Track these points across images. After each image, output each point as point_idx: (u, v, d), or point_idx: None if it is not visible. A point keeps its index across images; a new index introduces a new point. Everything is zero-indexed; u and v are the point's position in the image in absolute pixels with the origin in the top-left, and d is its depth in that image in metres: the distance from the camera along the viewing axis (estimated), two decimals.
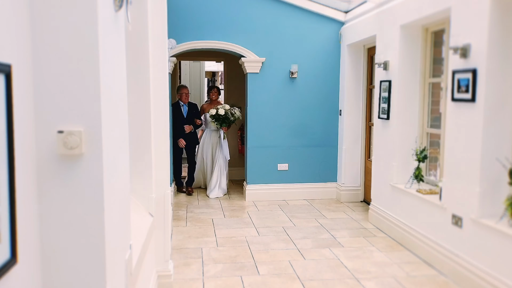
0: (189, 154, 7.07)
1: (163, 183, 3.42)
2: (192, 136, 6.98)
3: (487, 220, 3.30)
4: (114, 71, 1.80)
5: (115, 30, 1.83)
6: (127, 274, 2.05)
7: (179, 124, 6.76)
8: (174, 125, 6.62)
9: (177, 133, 6.74)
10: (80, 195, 1.59)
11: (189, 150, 7.03)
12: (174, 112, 6.66)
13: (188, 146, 6.96)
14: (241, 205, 6.25)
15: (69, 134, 1.54)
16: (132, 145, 2.98)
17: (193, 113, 6.93)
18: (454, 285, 3.60)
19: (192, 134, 6.94)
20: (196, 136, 7.10)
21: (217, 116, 6.59)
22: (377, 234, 4.90)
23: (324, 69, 6.45)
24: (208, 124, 6.95)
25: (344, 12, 6.32)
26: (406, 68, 4.67)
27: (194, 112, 6.95)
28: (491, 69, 3.27)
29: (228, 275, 3.79)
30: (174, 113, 6.66)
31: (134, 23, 2.88)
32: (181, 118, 6.78)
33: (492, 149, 3.32)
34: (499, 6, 3.23)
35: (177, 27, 6.04)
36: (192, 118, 6.90)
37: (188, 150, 7.03)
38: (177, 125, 6.75)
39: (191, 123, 6.87)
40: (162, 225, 3.40)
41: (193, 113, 6.93)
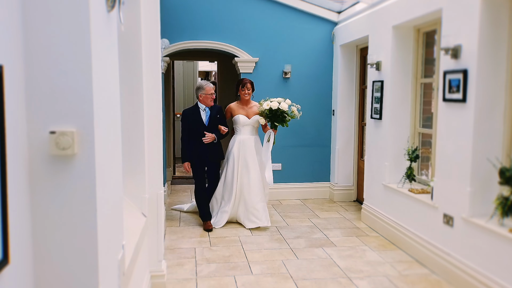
0: (210, 173, 5.29)
1: (156, 183, 3.41)
2: (214, 149, 5.17)
3: (478, 219, 3.34)
4: (106, 72, 1.80)
5: (107, 31, 1.83)
6: (120, 274, 2.06)
7: (196, 134, 5.07)
8: (189, 136, 5.12)
9: (193, 147, 5.09)
10: (72, 195, 1.59)
11: (211, 169, 5.27)
12: (189, 119, 5.10)
13: (209, 163, 5.24)
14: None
15: (61, 134, 1.54)
16: (125, 145, 2.98)
17: (217, 119, 5.17)
18: (445, 283, 3.63)
19: (214, 147, 5.16)
20: (218, 148, 5.23)
21: (269, 112, 5.05)
22: (370, 234, 4.93)
23: (317, 69, 6.47)
24: (239, 130, 5.27)
25: (337, 12, 6.35)
26: (398, 68, 4.70)
27: (219, 117, 5.20)
28: (481, 69, 3.31)
29: (221, 275, 3.79)
30: (189, 120, 5.10)
31: (126, 23, 2.87)
32: (199, 126, 5.08)
33: (482, 149, 3.36)
34: (489, 7, 3.27)
35: (170, 27, 6.03)
36: (215, 125, 5.16)
37: (210, 169, 5.27)
38: (194, 135, 5.08)
39: (214, 131, 5.14)
40: (155, 225, 3.40)
41: (217, 118, 5.17)
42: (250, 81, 5.31)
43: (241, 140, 5.22)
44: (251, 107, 5.31)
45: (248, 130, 5.26)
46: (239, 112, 5.27)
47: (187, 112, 5.19)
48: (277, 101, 5.05)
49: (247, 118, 5.24)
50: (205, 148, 5.11)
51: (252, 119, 5.23)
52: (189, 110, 5.21)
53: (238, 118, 5.24)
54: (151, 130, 3.36)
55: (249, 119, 5.24)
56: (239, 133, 5.27)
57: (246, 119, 5.23)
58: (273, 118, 5.09)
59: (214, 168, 5.31)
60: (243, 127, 5.25)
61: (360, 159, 6.29)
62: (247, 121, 5.23)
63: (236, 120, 5.27)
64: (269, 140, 5.19)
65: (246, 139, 5.23)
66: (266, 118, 5.12)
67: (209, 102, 5.10)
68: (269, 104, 5.04)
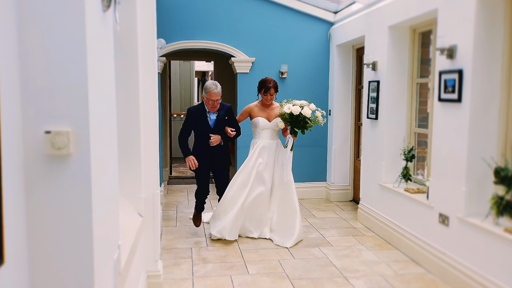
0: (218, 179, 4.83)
1: (152, 183, 3.41)
2: (220, 153, 4.70)
3: (473, 219, 3.35)
4: (102, 71, 1.80)
5: (103, 30, 1.83)
6: (116, 274, 2.05)
7: (201, 135, 4.66)
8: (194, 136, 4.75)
9: (197, 148, 4.69)
10: (68, 195, 1.59)
11: (217, 174, 4.81)
12: (194, 119, 4.65)
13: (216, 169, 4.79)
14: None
15: (57, 134, 1.54)
16: (121, 145, 2.97)
17: (225, 121, 4.68)
18: (441, 283, 3.65)
19: (220, 150, 4.69)
20: (225, 152, 4.77)
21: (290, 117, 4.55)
22: (366, 233, 4.94)
23: (313, 69, 6.48)
24: (258, 134, 4.80)
25: (334, 12, 6.36)
26: (394, 68, 4.72)
27: (227, 119, 4.69)
28: (476, 70, 3.33)
29: (217, 275, 3.79)
30: (194, 119, 4.65)
31: (122, 23, 2.87)
32: (205, 128, 4.62)
33: (478, 149, 3.37)
34: (484, 7, 3.28)
35: (167, 27, 6.03)
36: (222, 127, 4.67)
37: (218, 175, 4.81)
38: (198, 137, 4.70)
39: (220, 133, 4.66)
40: (152, 225, 3.39)
41: (225, 120, 4.67)
42: (275, 84, 4.74)
43: (261, 145, 4.76)
44: (272, 108, 4.82)
45: (268, 134, 4.79)
46: (259, 114, 4.79)
47: (193, 110, 4.73)
48: (299, 105, 4.52)
49: (268, 121, 4.76)
50: (211, 152, 4.66)
51: (273, 122, 4.76)
52: (195, 108, 4.76)
53: (258, 121, 4.76)
54: (147, 130, 3.36)
55: (270, 122, 4.76)
56: (258, 137, 4.80)
57: (266, 122, 4.75)
58: (293, 123, 4.57)
59: (222, 172, 4.82)
60: (262, 131, 4.77)
61: (356, 159, 6.31)
62: (267, 124, 4.76)
63: (256, 123, 4.78)
64: (286, 146, 4.72)
65: (267, 144, 4.76)
66: (286, 122, 4.63)
67: (209, 107, 4.55)
68: (290, 108, 4.51)
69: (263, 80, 4.79)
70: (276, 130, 4.82)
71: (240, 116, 4.97)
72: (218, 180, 4.85)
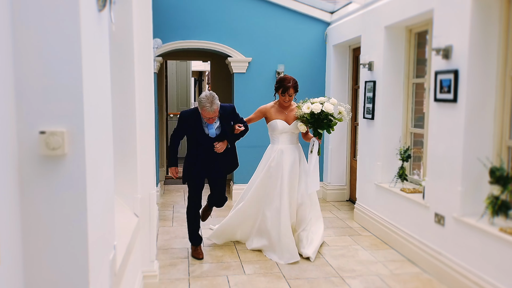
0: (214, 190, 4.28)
1: (148, 183, 3.41)
2: (224, 158, 4.12)
3: (469, 219, 3.36)
4: (97, 71, 1.80)
5: (98, 30, 1.82)
6: (111, 275, 2.05)
7: (196, 143, 4.03)
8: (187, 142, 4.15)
9: (193, 154, 4.06)
10: (62, 195, 1.58)
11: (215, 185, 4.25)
12: (187, 126, 3.99)
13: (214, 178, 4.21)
14: (227, 204, 6.23)
15: (51, 134, 1.53)
16: (116, 145, 2.96)
17: (230, 127, 4.06)
18: (437, 282, 3.66)
19: (224, 155, 4.11)
20: (231, 153, 4.19)
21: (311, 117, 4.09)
22: (362, 233, 4.95)
23: (310, 69, 6.48)
24: (276, 139, 4.32)
25: (330, 12, 6.37)
26: (390, 68, 4.73)
27: (230, 121, 4.08)
28: (472, 70, 3.34)
29: (214, 275, 3.79)
30: (187, 126, 3.99)
31: (118, 23, 2.87)
32: (202, 138, 3.99)
33: (473, 149, 3.38)
34: (480, 8, 3.29)
35: (163, 27, 6.02)
36: (225, 134, 4.05)
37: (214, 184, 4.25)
38: (193, 144, 4.06)
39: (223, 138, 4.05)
40: (148, 225, 3.39)
41: (229, 127, 4.06)
42: (294, 84, 4.23)
43: (280, 150, 4.25)
44: (292, 110, 4.34)
45: (287, 138, 4.30)
46: (277, 116, 4.29)
47: (186, 116, 3.99)
48: (319, 102, 4.07)
49: (287, 124, 4.28)
50: (212, 157, 4.03)
51: (293, 125, 4.29)
52: (189, 114, 4.00)
53: (276, 124, 4.26)
54: (143, 130, 3.35)
55: (289, 125, 4.28)
56: (277, 141, 4.30)
57: (285, 125, 4.27)
58: (316, 123, 4.11)
59: (220, 184, 4.21)
60: (281, 135, 4.26)
61: (352, 159, 6.32)
62: (286, 127, 4.27)
63: (273, 127, 4.28)
64: (312, 151, 4.23)
65: (286, 149, 4.25)
66: (307, 124, 4.15)
67: (205, 119, 3.89)
68: (310, 107, 4.05)
69: (281, 78, 4.27)
70: (296, 133, 4.38)
71: (253, 116, 4.45)
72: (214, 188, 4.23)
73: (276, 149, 4.29)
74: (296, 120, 4.27)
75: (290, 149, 4.29)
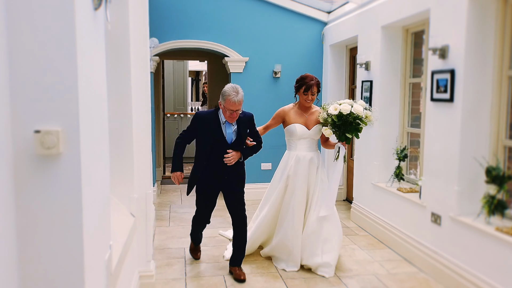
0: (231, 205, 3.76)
1: (145, 183, 3.40)
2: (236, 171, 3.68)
3: (465, 218, 3.37)
4: (93, 70, 1.79)
5: (94, 29, 1.81)
6: (107, 275, 2.04)
7: (211, 149, 3.57)
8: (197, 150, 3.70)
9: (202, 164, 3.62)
10: (58, 195, 1.57)
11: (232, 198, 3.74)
12: (203, 128, 3.59)
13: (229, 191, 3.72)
14: (224, 204, 6.24)
15: (46, 133, 1.52)
16: (113, 145, 2.95)
17: (246, 135, 3.69)
18: (433, 282, 3.66)
19: (236, 168, 3.67)
20: (240, 169, 3.72)
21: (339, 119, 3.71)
22: (359, 233, 4.96)
23: (307, 69, 6.46)
24: (294, 144, 3.97)
25: (327, 12, 6.37)
26: (387, 68, 4.73)
27: (249, 132, 3.71)
28: (468, 69, 3.34)
29: (210, 275, 3.78)
30: (203, 128, 3.59)
31: (114, 22, 2.86)
32: (219, 143, 3.56)
33: (469, 148, 3.39)
34: (476, 8, 3.30)
35: (160, 26, 6.01)
36: (242, 142, 3.65)
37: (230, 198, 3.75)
38: (206, 151, 3.59)
39: (238, 147, 3.64)
40: (144, 225, 3.38)
41: (246, 134, 3.69)
42: (317, 82, 3.93)
43: (297, 158, 3.91)
44: (312, 113, 3.99)
45: (307, 145, 3.95)
46: (296, 120, 3.94)
47: (203, 116, 3.61)
48: (347, 103, 3.75)
49: (307, 128, 3.93)
50: (223, 169, 3.60)
51: (313, 130, 3.93)
52: (206, 115, 3.62)
53: (295, 129, 3.91)
54: (139, 129, 3.34)
55: (309, 130, 3.93)
56: (294, 148, 3.95)
57: (305, 130, 3.92)
58: (343, 126, 3.73)
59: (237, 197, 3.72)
60: (299, 141, 3.92)
61: (349, 159, 6.32)
62: (305, 132, 3.92)
63: (292, 132, 3.93)
64: (337, 158, 3.86)
65: (305, 157, 3.91)
66: (333, 127, 3.79)
67: (227, 118, 3.51)
68: (337, 108, 3.70)
69: (303, 76, 3.96)
70: (316, 139, 4.01)
71: (272, 121, 4.09)
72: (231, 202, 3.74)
73: (294, 156, 3.93)
74: (317, 125, 3.93)
75: (309, 157, 3.92)
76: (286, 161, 3.99)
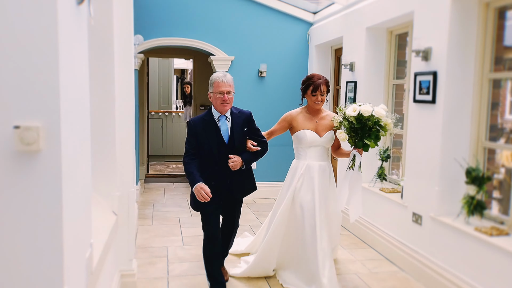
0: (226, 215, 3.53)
1: (127, 181, 3.36)
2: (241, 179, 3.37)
3: (445, 218, 3.42)
4: (74, 65, 1.76)
5: (76, 24, 1.79)
6: (88, 273, 2.02)
7: (210, 156, 3.27)
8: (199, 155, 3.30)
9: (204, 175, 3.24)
10: (37, 192, 1.55)
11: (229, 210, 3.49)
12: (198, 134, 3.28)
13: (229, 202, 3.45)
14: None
15: (26, 129, 1.50)
16: (95, 142, 2.92)
17: (243, 133, 3.34)
18: (413, 280, 3.71)
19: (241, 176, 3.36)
20: (246, 173, 3.40)
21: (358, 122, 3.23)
22: (342, 232, 4.98)
23: (292, 69, 6.51)
24: (303, 153, 3.55)
25: (313, 13, 6.40)
26: (371, 69, 4.77)
27: (246, 130, 3.36)
28: (450, 72, 3.40)
29: (194, 274, 3.77)
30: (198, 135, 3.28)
31: (98, 17, 2.82)
32: (216, 145, 3.26)
33: (450, 150, 3.45)
34: (459, 11, 3.35)
35: (145, 23, 5.96)
36: (239, 142, 3.32)
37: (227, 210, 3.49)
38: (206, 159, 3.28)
39: (239, 151, 3.32)
40: (126, 223, 3.34)
41: (243, 132, 3.34)
42: (326, 80, 3.52)
43: (307, 168, 3.49)
44: (322, 117, 3.56)
45: (317, 153, 3.52)
46: (305, 125, 3.52)
47: (196, 121, 3.30)
48: (368, 105, 3.27)
49: (317, 135, 3.51)
50: (226, 177, 3.28)
51: (325, 137, 3.50)
52: (199, 119, 3.31)
53: (304, 135, 3.48)
54: (123, 127, 3.31)
55: (321, 137, 3.51)
56: (304, 156, 3.53)
57: (315, 136, 3.50)
58: (361, 131, 3.24)
59: (234, 208, 3.49)
60: (309, 149, 3.50)
61: (333, 159, 6.36)
62: (316, 139, 3.49)
63: (300, 138, 3.51)
64: (352, 167, 3.40)
65: (315, 167, 3.48)
66: (350, 132, 3.29)
67: (219, 105, 3.22)
68: (356, 109, 3.21)
69: (309, 76, 3.57)
70: (327, 148, 3.58)
71: (277, 127, 3.69)
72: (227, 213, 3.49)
73: (303, 166, 3.51)
74: (329, 132, 3.50)
75: (319, 167, 3.48)
76: (294, 172, 3.57)
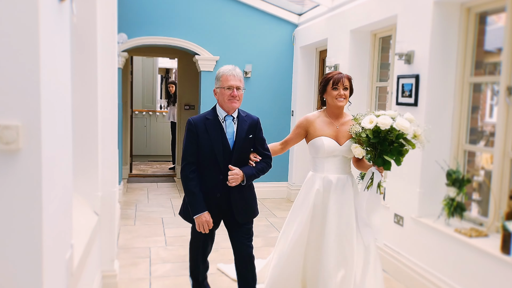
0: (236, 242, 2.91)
1: (110, 181, 3.33)
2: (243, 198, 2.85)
3: (426, 219, 3.47)
4: (56, 64, 1.74)
5: (58, 21, 1.76)
6: (68, 275, 1.99)
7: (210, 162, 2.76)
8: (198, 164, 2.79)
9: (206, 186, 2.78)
10: (16, 192, 1.52)
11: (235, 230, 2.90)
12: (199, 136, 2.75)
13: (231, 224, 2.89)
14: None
15: (5, 128, 1.47)
16: (77, 141, 2.88)
17: (249, 140, 2.84)
18: (395, 281, 3.76)
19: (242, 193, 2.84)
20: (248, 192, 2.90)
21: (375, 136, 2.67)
22: None
23: (277, 70, 6.52)
24: (321, 164, 2.96)
25: (298, 14, 6.43)
26: (354, 71, 4.81)
27: (251, 137, 2.84)
28: (432, 75, 3.45)
29: (176, 274, 3.74)
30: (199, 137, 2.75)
31: (81, 15, 2.79)
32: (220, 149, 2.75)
33: (432, 152, 3.50)
34: (440, 16, 3.41)
35: (129, 21, 5.90)
36: (244, 149, 2.83)
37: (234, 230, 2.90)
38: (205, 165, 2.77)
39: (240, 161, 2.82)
40: (108, 224, 3.31)
41: (248, 139, 2.83)
42: (347, 75, 2.95)
43: (327, 181, 2.93)
44: (344, 123, 2.98)
45: (338, 165, 2.96)
46: (324, 131, 2.94)
47: (197, 121, 2.77)
48: (389, 116, 2.68)
49: (337, 143, 2.92)
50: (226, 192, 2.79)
51: (346, 145, 2.91)
52: (200, 119, 2.79)
53: (321, 144, 2.91)
54: (105, 126, 3.27)
55: (341, 145, 2.92)
56: (321, 168, 2.96)
57: (335, 145, 2.91)
58: (380, 146, 2.69)
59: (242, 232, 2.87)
60: (327, 159, 2.93)
61: None
62: (336, 148, 2.92)
63: (318, 147, 2.93)
64: (368, 187, 2.84)
65: (335, 181, 2.91)
66: (366, 146, 2.76)
67: (226, 102, 2.74)
68: (373, 120, 2.67)
69: (327, 73, 3.00)
70: (350, 158, 3.00)
71: (292, 135, 3.12)
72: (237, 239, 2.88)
73: (320, 179, 2.94)
74: (350, 139, 2.90)
75: (341, 180, 2.92)
76: (310, 186, 2.99)
